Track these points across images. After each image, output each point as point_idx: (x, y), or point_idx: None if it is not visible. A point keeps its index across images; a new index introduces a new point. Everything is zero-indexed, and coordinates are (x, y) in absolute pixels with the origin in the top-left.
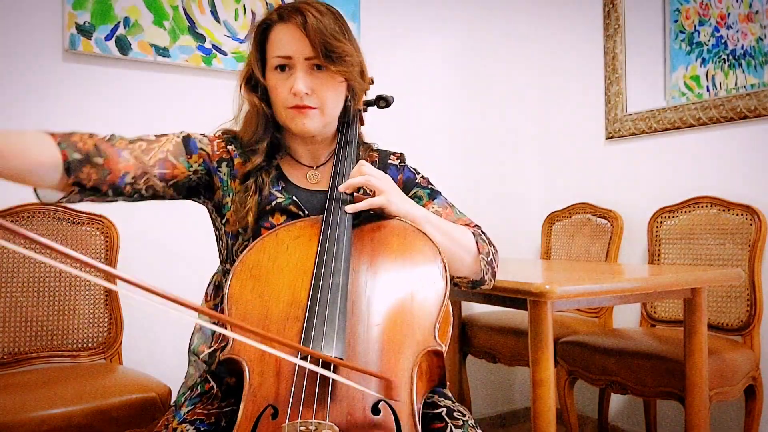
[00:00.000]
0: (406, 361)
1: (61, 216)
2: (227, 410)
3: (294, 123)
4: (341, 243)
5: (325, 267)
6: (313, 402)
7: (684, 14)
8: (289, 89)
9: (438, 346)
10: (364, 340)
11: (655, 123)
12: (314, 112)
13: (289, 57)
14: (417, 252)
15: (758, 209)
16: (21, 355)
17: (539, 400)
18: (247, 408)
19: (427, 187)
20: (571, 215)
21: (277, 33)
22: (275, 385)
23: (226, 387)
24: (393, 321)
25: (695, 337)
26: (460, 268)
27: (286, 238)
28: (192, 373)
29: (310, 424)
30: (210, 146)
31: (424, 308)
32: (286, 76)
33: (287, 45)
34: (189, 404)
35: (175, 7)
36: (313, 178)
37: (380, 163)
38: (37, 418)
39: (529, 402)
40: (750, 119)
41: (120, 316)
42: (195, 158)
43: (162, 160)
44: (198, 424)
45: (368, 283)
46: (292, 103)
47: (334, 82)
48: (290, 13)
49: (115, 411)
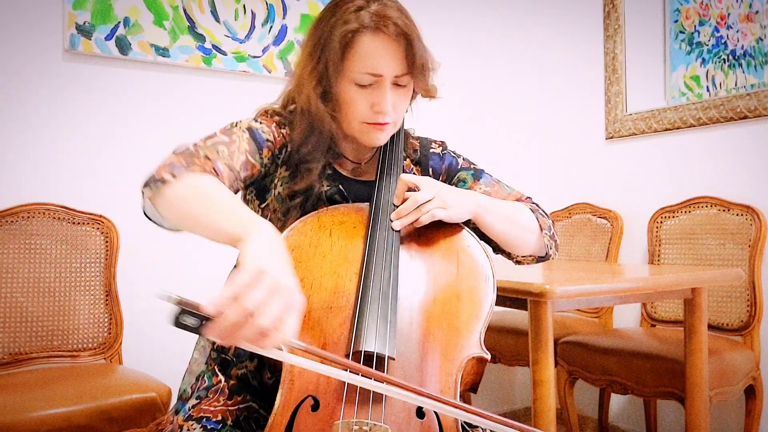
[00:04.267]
0: (452, 366)
1: (61, 216)
2: (233, 408)
3: (368, 137)
4: (390, 235)
5: (377, 258)
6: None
7: (684, 14)
8: (370, 105)
9: (484, 354)
10: (406, 338)
11: (655, 123)
12: (389, 127)
13: (380, 75)
14: (463, 254)
15: (758, 209)
16: (21, 355)
17: (539, 400)
18: (285, 396)
19: (470, 168)
20: (571, 215)
21: (367, 43)
22: (316, 374)
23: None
24: (438, 322)
25: (695, 337)
26: (524, 248)
27: (329, 223)
28: (197, 359)
29: (364, 424)
30: (272, 134)
31: (470, 313)
32: (367, 91)
33: (379, 61)
34: (194, 397)
35: (175, 7)
36: (357, 172)
37: (421, 152)
38: (37, 418)
39: (529, 402)
40: (750, 119)
41: (120, 316)
42: (266, 153)
43: (245, 162)
44: (204, 421)
45: (416, 279)
46: (372, 120)
47: (409, 94)
48: (381, 21)
49: (115, 411)
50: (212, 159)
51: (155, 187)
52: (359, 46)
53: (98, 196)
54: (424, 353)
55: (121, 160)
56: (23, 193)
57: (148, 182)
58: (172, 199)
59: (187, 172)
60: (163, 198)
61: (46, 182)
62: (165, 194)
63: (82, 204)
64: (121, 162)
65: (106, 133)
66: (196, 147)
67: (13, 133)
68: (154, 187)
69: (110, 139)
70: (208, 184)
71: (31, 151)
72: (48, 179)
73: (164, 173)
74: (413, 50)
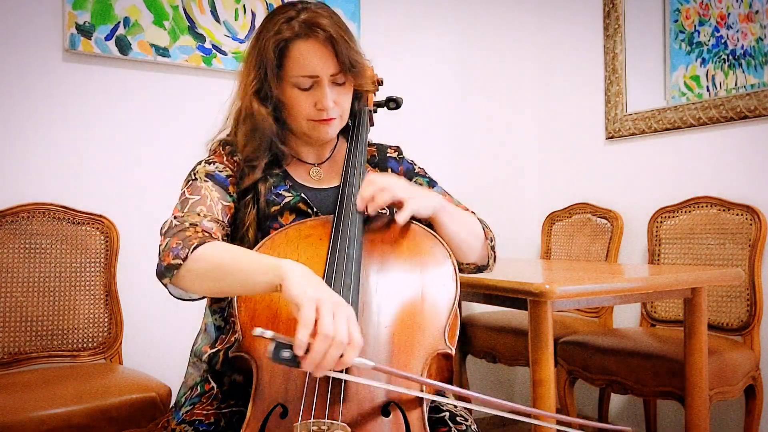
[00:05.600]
0: (416, 363)
1: (61, 216)
2: (226, 411)
3: (316, 133)
4: (352, 244)
5: (336, 268)
6: (325, 402)
7: (684, 14)
8: (313, 104)
9: (448, 349)
10: (374, 341)
11: (655, 123)
12: (335, 122)
13: (316, 77)
14: (428, 254)
15: (758, 209)
16: (21, 355)
17: (539, 400)
18: (256, 406)
19: (425, 176)
20: (571, 215)
21: (300, 50)
22: (284, 383)
23: (227, 388)
24: (403, 323)
25: (695, 337)
26: (469, 255)
27: (296, 237)
28: (191, 373)
29: (322, 423)
30: (227, 168)
31: (434, 311)
32: (309, 93)
33: (313, 64)
34: (188, 404)
35: (175, 7)
36: (317, 175)
37: (379, 157)
38: (37, 418)
39: (529, 402)
40: (750, 119)
41: (120, 316)
42: (231, 189)
43: (222, 209)
44: (197, 424)
45: (379, 284)
46: (317, 117)
47: (350, 90)
48: (310, 29)
49: (115, 411)
50: (198, 224)
51: (171, 275)
52: (294, 52)
53: (98, 196)
54: (390, 354)
55: (122, 160)
56: (23, 193)
57: (161, 273)
58: (194, 279)
59: (189, 249)
60: (184, 279)
61: (46, 182)
62: (183, 276)
63: (82, 204)
64: (122, 162)
65: (106, 133)
66: (178, 220)
67: (13, 133)
68: (170, 275)
69: (110, 139)
70: (216, 250)
71: (31, 151)
72: (48, 179)
73: (171, 260)
74: (342, 51)
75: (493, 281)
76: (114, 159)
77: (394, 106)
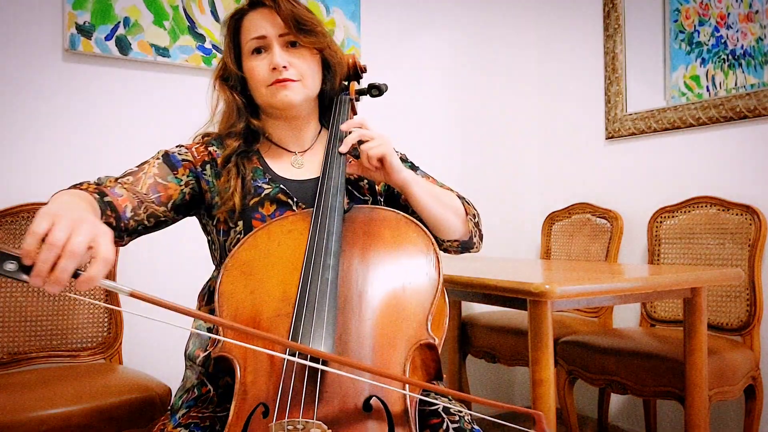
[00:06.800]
0: (399, 355)
1: None
2: (222, 415)
3: (277, 97)
4: (331, 237)
5: (314, 262)
6: (301, 400)
7: (684, 14)
8: (268, 67)
9: (431, 339)
10: (356, 334)
11: (655, 123)
12: (296, 84)
13: (264, 37)
14: (409, 243)
15: (758, 209)
16: (20, 354)
17: (539, 400)
18: (238, 406)
19: (407, 161)
20: (571, 215)
21: (250, 20)
22: (267, 383)
23: (223, 390)
24: (385, 314)
25: (695, 337)
26: (450, 231)
27: (278, 234)
28: (189, 376)
29: (297, 423)
30: (190, 154)
31: (416, 300)
32: (263, 57)
33: (260, 26)
34: (184, 407)
35: (175, 7)
36: (297, 164)
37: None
38: (36, 418)
39: (529, 402)
40: (750, 119)
41: (120, 316)
42: (181, 171)
43: (153, 184)
44: (192, 427)
45: (360, 277)
46: (272, 79)
47: (309, 54)
48: (258, 1)
49: (115, 411)
50: (104, 185)
51: None
52: (245, 23)
53: None
54: (372, 346)
55: (122, 160)
56: (23, 193)
57: None
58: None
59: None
60: None
61: (47, 182)
62: None
63: None
64: (122, 162)
65: (106, 133)
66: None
67: (13, 133)
68: None
69: (110, 139)
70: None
71: (31, 151)
72: (48, 179)
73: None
74: (285, 8)
75: (493, 281)
76: (114, 159)
77: (377, 93)
